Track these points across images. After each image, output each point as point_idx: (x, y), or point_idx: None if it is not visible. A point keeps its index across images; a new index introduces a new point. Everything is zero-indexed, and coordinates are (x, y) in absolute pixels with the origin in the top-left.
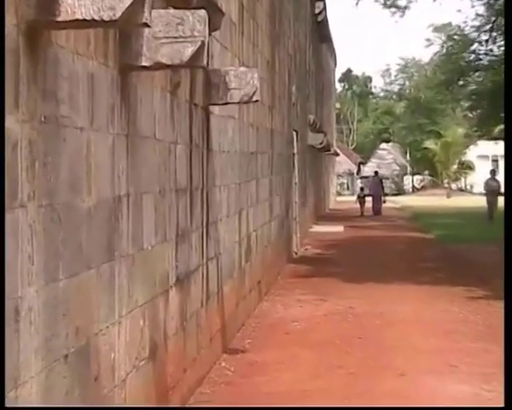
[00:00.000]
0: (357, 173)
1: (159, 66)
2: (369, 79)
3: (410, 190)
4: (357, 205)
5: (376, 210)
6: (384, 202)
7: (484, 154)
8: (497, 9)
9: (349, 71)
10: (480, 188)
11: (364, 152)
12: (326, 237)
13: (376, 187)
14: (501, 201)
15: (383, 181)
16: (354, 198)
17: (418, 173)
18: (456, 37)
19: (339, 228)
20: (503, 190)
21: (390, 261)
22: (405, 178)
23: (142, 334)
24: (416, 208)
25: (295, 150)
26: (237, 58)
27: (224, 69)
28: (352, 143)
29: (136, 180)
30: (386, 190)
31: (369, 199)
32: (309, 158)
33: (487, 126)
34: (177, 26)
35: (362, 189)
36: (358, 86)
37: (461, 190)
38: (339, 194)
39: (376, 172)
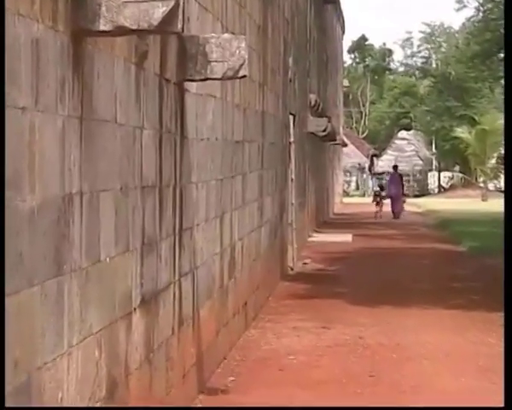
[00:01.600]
0: (370, 169)
1: (121, 31)
2: (389, 51)
3: (436, 190)
4: (374, 208)
5: (396, 212)
6: (404, 201)
7: None
8: None
9: (363, 39)
10: None
11: (379, 142)
12: (330, 249)
13: (396, 185)
14: None
15: (403, 178)
16: (365, 200)
17: (446, 170)
18: None
19: (346, 237)
20: None
21: (410, 280)
22: (430, 175)
23: (98, 368)
24: (443, 213)
25: (292, 139)
26: (220, 22)
27: (204, 36)
28: (363, 131)
29: (91, 175)
30: (407, 191)
31: (386, 201)
32: (309, 149)
33: None
34: None
35: (381, 187)
36: (373, 59)
37: (500, 190)
38: (346, 194)
39: (396, 167)
